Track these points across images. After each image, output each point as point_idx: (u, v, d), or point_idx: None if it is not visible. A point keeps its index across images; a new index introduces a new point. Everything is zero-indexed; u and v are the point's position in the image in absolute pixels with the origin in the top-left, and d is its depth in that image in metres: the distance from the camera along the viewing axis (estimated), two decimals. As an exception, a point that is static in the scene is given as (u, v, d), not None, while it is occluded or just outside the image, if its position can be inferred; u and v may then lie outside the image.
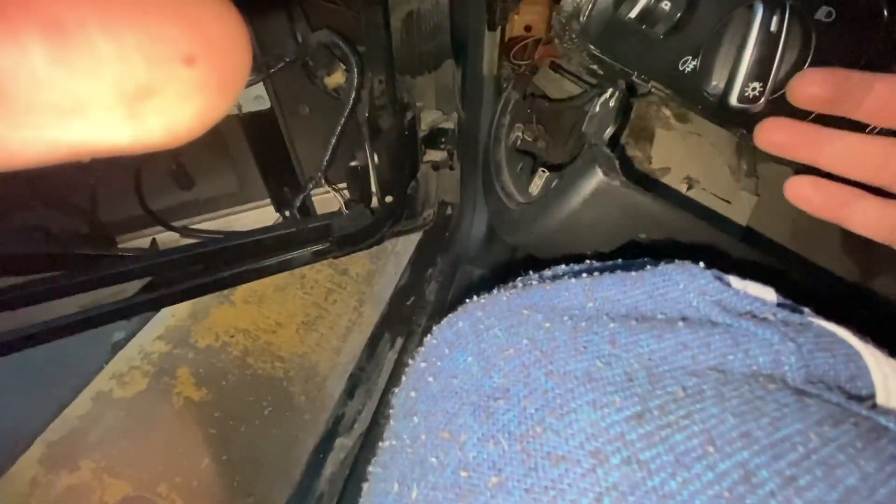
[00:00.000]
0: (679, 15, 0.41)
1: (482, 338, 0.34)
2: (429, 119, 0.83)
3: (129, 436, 0.82)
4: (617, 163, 0.47)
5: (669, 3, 0.40)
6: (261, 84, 0.74)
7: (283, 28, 0.68)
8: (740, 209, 0.62)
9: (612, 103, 0.50)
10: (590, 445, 0.25)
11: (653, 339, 0.31)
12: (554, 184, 0.54)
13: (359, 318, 0.99)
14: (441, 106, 0.82)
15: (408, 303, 0.89)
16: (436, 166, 0.87)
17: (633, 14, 0.42)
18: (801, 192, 0.43)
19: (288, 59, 0.69)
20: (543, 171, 0.58)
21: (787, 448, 0.25)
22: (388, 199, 0.81)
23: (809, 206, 0.43)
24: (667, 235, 0.50)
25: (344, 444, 0.77)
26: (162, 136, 0.20)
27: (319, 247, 0.79)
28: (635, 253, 0.47)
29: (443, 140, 0.84)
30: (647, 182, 0.56)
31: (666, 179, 0.59)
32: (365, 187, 0.81)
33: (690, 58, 0.43)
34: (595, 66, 0.48)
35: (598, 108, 0.51)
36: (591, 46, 0.45)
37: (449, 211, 0.93)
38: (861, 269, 0.67)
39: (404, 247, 1.02)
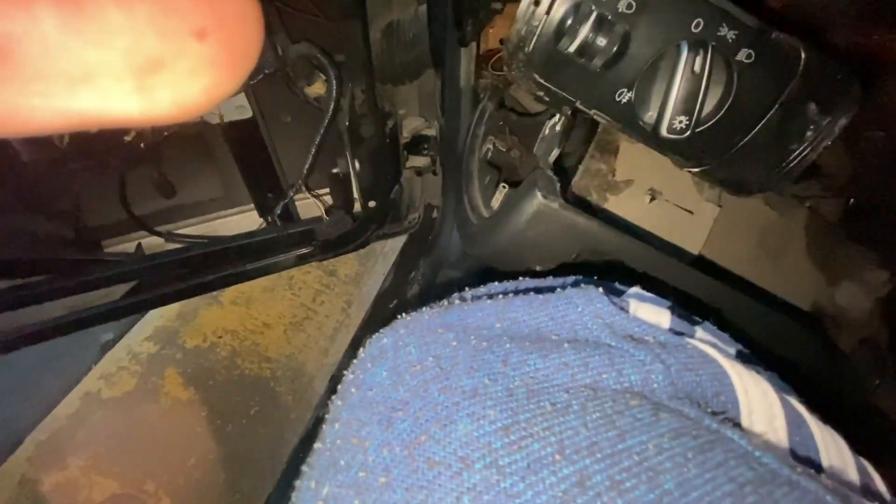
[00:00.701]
0: (614, 50, 0.46)
1: (399, 354, 0.39)
2: (411, 126, 0.87)
3: (116, 435, 0.88)
4: (558, 185, 0.53)
5: (605, 40, 0.45)
6: (242, 93, 0.78)
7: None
8: (703, 219, 0.66)
9: (557, 128, 0.55)
10: (461, 452, 0.31)
11: (540, 359, 0.36)
12: (507, 202, 0.59)
13: (346, 318, 1.04)
14: (424, 113, 0.87)
15: (391, 306, 0.95)
16: (419, 172, 0.91)
17: (572, 49, 0.47)
18: None
19: (267, 71, 0.74)
20: (504, 187, 0.63)
21: (625, 457, 0.30)
22: (371, 204, 0.86)
23: None
24: (609, 254, 0.56)
25: (324, 445, 0.82)
26: (170, 109, 0.21)
27: (304, 251, 0.84)
28: (583, 270, 0.53)
29: (425, 146, 0.89)
30: (588, 205, 0.61)
31: (629, 191, 0.64)
32: (347, 193, 0.85)
33: (626, 90, 0.48)
34: (541, 93, 0.53)
35: (546, 132, 0.56)
36: (536, 75, 0.50)
37: (435, 214, 0.98)
38: (826, 276, 0.72)
39: (392, 248, 1.07)
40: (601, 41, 0.45)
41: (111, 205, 0.83)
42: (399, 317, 0.44)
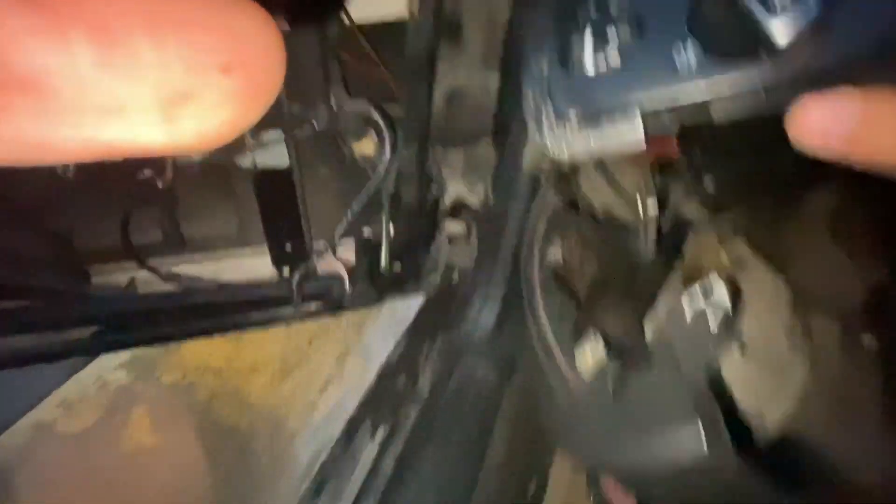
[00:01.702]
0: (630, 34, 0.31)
1: None
2: (453, 192, 0.79)
3: (68, 478, 0.79)
4: (722, 422, 0.39)
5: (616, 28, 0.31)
6: (282, 142, 0.70)
7: (318, 89, 0.64)
8: (790, 383, 0.57)
9: (714, 327, 0.41)
10: None
11: None
12: (611, 382, 0.45)
13: (340, 371, 0.94)
14: (467, 178, 0.79)
15: (397, 384, 0.83)
16: (451, 239, 0.83)
17: (590, 70, 0.32)
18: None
19: (318, 129, 0.66)
20: (596, 341, 0.50)
21: None
22: (397, 267, 0.78)
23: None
24: None
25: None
26: (194, 139, 0.21)
27: (314, 308, 0.75)
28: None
29: (463, 214, 0.80)
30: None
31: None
32: (373, 255, 0.77)
33: (680, 41, 0.31)
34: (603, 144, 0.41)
35: (689, 318, 0.43)
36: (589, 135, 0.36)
37: (456, 277, 0.88)
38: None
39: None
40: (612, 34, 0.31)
41: (107, 228, 0.74)
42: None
